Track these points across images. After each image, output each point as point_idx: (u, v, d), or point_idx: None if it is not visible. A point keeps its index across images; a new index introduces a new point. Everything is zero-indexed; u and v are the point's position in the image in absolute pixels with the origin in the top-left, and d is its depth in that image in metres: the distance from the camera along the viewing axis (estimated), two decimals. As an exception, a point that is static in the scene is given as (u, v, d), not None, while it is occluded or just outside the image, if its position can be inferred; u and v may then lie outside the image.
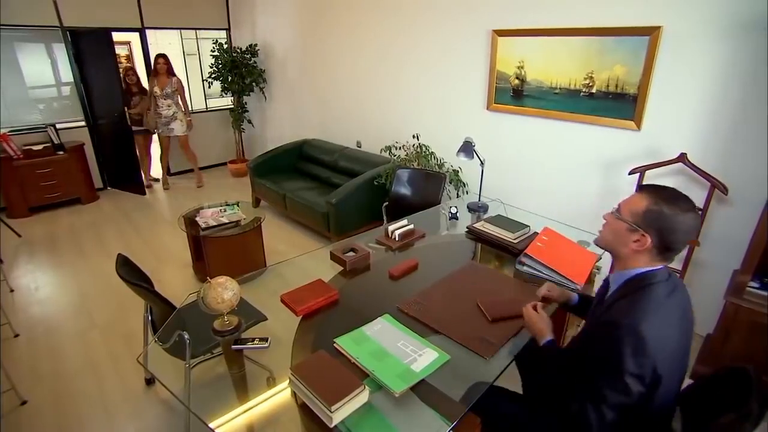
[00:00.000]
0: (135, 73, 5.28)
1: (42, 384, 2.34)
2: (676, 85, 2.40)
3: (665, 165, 2.39)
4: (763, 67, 2.12)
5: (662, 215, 1.10)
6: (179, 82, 5.13)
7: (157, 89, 5.01)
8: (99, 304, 3.06)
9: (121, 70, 5.15)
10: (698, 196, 2.37)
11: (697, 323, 2.60)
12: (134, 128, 5.24)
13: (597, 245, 1.32)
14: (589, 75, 2.70)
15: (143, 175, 5.53)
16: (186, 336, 1.57)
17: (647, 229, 1.13)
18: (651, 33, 2.38)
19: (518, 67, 3.04)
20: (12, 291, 3.21)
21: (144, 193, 5.35)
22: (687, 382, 1.24)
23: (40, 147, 4.65)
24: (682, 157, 2.32)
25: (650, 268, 1.17)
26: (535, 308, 1.48)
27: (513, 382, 1.66)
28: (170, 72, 5.04)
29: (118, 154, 5.31)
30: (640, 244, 1.15)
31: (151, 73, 5.22)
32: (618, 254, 1.23)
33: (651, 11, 2.38)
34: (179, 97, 5.17)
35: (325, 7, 4.50)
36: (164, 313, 1.90)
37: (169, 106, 5.09)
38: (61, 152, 4.74)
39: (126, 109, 5.08)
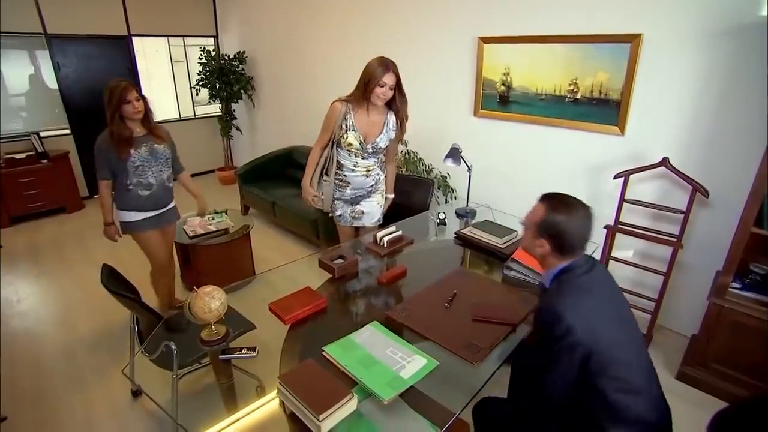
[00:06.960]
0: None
1: (22, 399, 2.28)
2: (657, 90, 2.45)
3: (648, 169, 2.43)
4: (737, 73, 2.18)
5: (553, 222, 1.24)
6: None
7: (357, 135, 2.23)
8: (83, 315, 3.00)
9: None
10: (681, 199, 2.42)
11: (682, 324, 2.67)
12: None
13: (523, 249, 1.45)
14: (574, 81, 2.74)
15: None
16: (173, 346, 1.55)
17: (543, 236, 1.27)
18: (632, 40, 2.43)
19: (504, 74, 3.08)
20: (-7, 303, 3.14)
21: None
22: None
23: (22, 155, 4.57)
24: (665, 162, 2.36)
25: (566, 264, 1.29)
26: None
27: (503, 387, 1.67)
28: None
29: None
30: (543, 249, 1.29)
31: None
32: (536, 256, 1.36)
33: (631, 19, 2.44)
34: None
35: (312, 15, 4.52)
36: (151, 323, 1.88)
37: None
38: (45, 160, 4.66)
39: None
